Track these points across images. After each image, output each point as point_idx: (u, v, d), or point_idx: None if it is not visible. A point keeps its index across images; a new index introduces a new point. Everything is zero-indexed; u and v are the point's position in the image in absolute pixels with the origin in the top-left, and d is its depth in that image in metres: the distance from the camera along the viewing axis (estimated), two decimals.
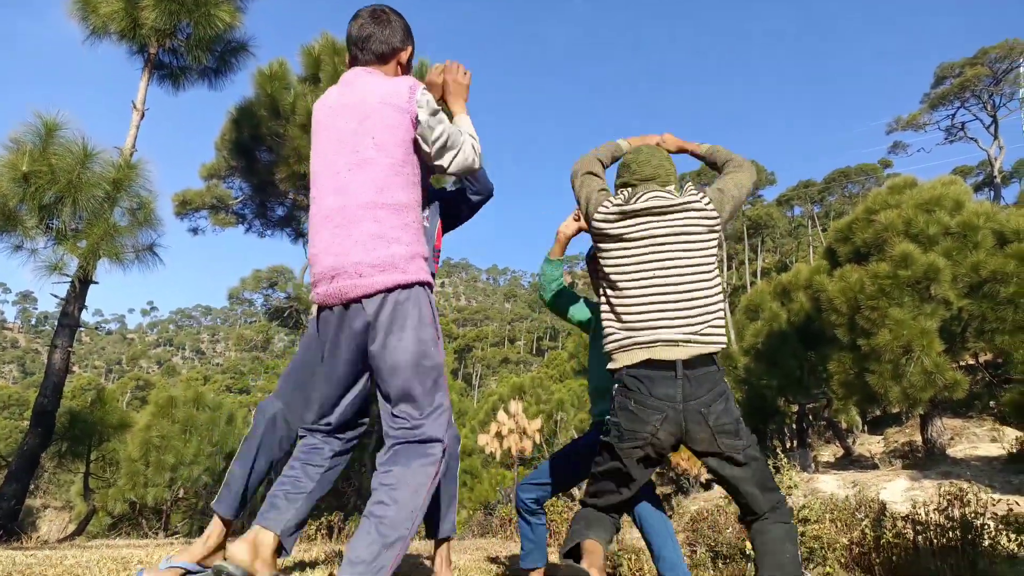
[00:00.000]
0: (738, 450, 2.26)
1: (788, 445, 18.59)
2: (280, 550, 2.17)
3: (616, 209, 2.45)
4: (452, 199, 3.01)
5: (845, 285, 11.83)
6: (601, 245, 2.52)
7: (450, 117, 2.43)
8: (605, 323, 2.46)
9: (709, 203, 2.40)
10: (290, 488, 2.24)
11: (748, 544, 3.97)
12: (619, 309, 2.39)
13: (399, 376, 2.08)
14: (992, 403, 16.85)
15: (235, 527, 2.44)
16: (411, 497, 1.97)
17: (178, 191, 15.61)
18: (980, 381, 16.28)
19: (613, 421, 2.34)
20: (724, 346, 2.27)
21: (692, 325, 2.27)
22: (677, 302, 2.29)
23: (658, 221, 2.39)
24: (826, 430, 20.76)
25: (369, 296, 2.08)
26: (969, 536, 4.80)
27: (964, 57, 40.59)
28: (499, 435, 16.10)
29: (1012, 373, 11.11)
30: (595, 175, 2.68)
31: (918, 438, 15.36)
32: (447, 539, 2.80)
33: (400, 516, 1.94)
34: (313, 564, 3.44)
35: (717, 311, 2.32)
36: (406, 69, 2.46)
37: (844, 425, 19.58)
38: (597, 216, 2.49)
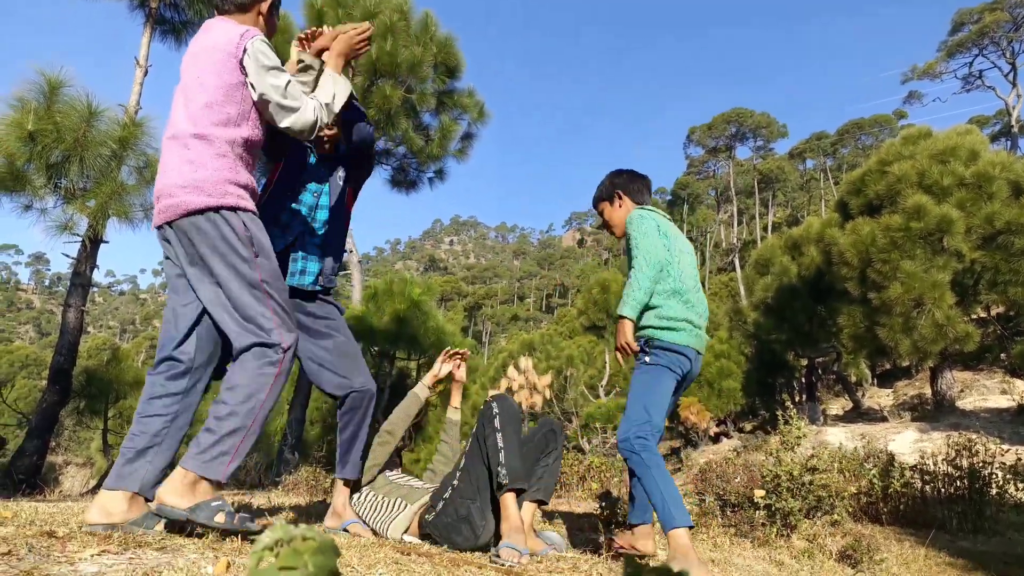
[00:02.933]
0: None
1: (797, 399, 18.70)
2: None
3: None
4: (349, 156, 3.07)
5: (857, 238, 11.72)
6: None
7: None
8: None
9: None
10: (142, 441, 2.26)
11: (756, 493, 4.02)
12: None
13: (213, 297, 2.25)
14: (1003, 355, 16.83)
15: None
16: (248, 392, 2.16)
17: None
18: (991, 334, 16.23)
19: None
20: None
21: None
22: None
23: None
24: (835, 384, 20.85)
25: (180, 216, 2.24)
26: (977, 485, 4.84)
27: (983, 3, 39.36)
28: (510, 391, 16.25)
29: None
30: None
31: (928, 391, 15.39)
32: (346, 480, 2.93)
33: (239, 408, 2.14)
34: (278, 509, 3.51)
35: None
36: (268, 18, 2.62)
37: (853, 378, 19.63)
38: None
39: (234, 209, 2.28)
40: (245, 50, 2.30)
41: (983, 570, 3.53)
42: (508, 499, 2.63)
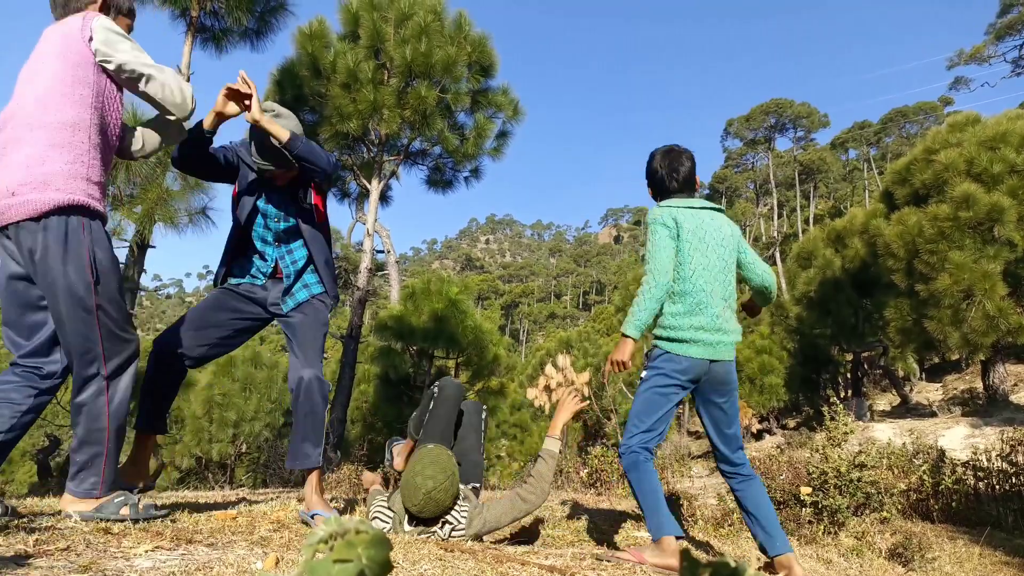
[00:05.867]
0: None
1: (843, 394, 18.32)
2: None
3: (391, 526, 2.75)
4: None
5: (903, 229, 11.43)
6: None
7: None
8: None
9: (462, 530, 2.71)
10: None
11: (803, 490, 3.95)
12: None
13: (55, 305, 2.14)
14: None
15: None
16: (91, 425, 2.23)
17: None
18: None
19: None
20: None
21: None
22: None
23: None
24: (882, 378, 20.38)
25: (23, 219, 2.06)
26: None
27: None
28: (548, 389, 16.22)
29: None
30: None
31: (979, 385, 14.94)
32: (314, 468, 2.84)
33: (91, 438, 2.23)
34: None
35: None
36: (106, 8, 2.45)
37: (901, 373, 19.17)
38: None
39: (85, 209, 2.16)
40: (92, 28, 2.21)
41: None
42: None
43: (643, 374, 2.76)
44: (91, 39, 2.21)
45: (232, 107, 2.70)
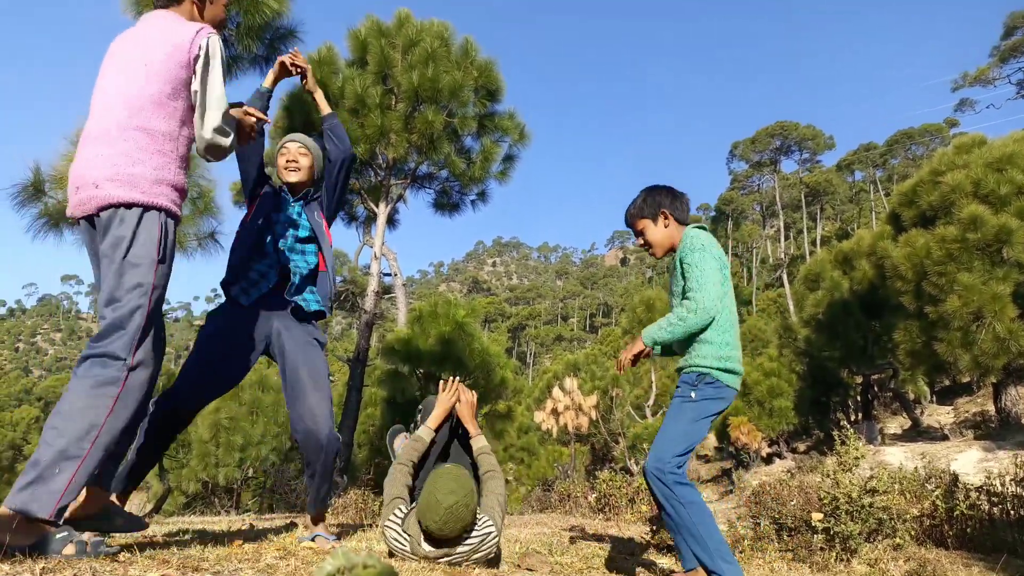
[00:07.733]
0: None
1: (853, 417, 18.16)
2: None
3: (408, 548, 2.58)
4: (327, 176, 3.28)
5: (911, 251, 11.39)
6: None
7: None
8: None
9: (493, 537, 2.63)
10: None
11: (814, 516, 3.90)
12: None
13: (108, 282, 2.10)
14: None
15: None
16: (82, 418, 1.95)
17: (236, 180, 15.96)
18: None
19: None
20: None
21: None
22: None
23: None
24: (892, 401, 20.20)
25: (104, 208, 2.12)
26: None
27: None
28: (555, 412, 16.17)
29: None
30: (401, 487, 2.87)
31: (991, 408, 14.78)
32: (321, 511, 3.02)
33: (71, 436, 1.92)
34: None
35: None
36: (201, 7, 2.47)
37: (911, 396, 19.00)
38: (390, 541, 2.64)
39: (161, 210, 2.19)
40: (200, 47, 2.23)
41: None
42: None
43: (692, 394, 2.64)
44: (198, 57, 2.23)
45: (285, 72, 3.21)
